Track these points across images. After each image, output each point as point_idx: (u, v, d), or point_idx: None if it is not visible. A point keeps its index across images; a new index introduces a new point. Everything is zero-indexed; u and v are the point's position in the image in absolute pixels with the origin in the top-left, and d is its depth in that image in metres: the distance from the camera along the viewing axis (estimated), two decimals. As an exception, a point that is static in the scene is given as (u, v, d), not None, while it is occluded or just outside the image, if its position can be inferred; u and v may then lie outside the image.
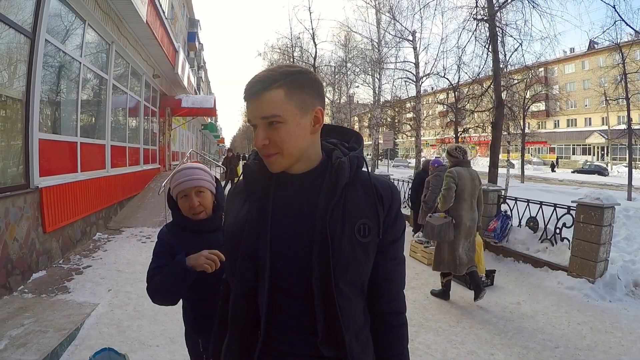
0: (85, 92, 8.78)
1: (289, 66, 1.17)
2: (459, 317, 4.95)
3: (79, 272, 6.09)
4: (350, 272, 1.18)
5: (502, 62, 12.12)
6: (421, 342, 4.29)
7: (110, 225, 9.30)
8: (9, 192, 5.31)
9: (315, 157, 1.24)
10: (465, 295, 5.63)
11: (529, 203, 7.54)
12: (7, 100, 5.72)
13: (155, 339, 4.08)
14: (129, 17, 9.65)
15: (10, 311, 4.41)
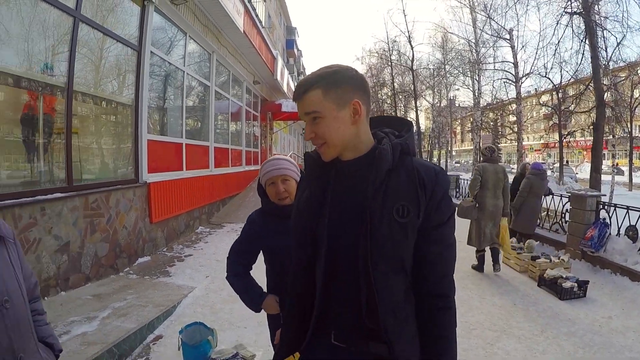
0: (190, 98, 9.60)
1: (327, 67, 1.30)
2: (544, 326, 4.57)
3: (180, 260, 6.63)
4: (387, 249, 1.25)
5: (602, 59, 10.95)
6: (501, 347, 4.08)
7: (212, 221, 10.01)
8: (120, 185, 6.00)
9: (364, 146, 1.33)
10: (555, 305, 5.20)
11: (629, 210, 6.64)
12: (119, 106, 6.50)
13: (244, 322, 4.31)
14: (226, 28, 10.31)
15: (115, 288, 4.97)
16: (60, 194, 4.62)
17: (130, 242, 6.14)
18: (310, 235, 1.35)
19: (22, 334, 1.45)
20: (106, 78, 6.12)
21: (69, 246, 4.69)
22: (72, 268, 4.77)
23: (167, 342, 3.89)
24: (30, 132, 4.49)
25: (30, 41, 4.35)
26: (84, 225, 5.01)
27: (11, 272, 1.46)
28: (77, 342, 3.39)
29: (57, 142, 4.84)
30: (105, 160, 6.16)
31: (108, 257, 5.51)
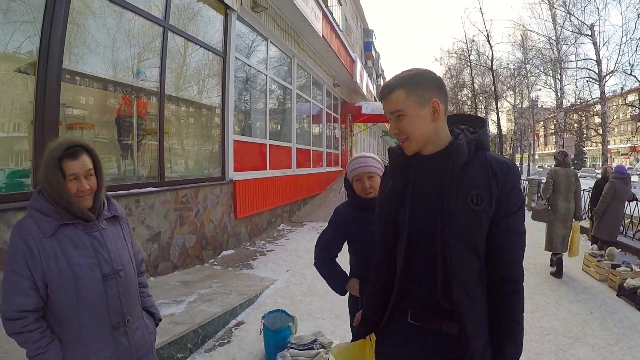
0: (272, 101, 9.95)
1: (408, 71, 1.45)
2: (620, 336, 4.19)
3: (262, 254, 6.87)
4: (462, 233, 1.36)
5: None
6: (573, 354, 3.86)
7: (293, 219, 10.26)
8: (208, 182, 6.36)
9: (442, 141, 1.45)
10: (633, 316, 4.75)
11: None
12: (206, 109, 6.93)
13: (322, 313, 4.43)
14: (306, 33, 10.53)
15: (201, 276, 5.27)
16: (153, 188, 5.01)
17: (216, 235, 6.48)
18: (392, 221, 1.50)
19: (130, 300, 1.69)
20: (194, 82, 6.56)
21: (159, 236, 5.07)
22: (162, 256, 5.14)
23: (248, 327, 4.06)
24: (124, 133, 4.93)
25: (124, 49, 4.79)
26: (174, 217, 5.38)
27: (125, 247, 1.73)
28: (165, 321, 3.61)
29: (150, 142, 5.27)
30: (194, 159, 6.59)
31: (195, 248, 5.87)
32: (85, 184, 1.56)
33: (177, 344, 3.36)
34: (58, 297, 1.52)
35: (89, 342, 1.56)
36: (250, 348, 3.66)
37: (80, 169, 1.55)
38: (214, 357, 3.53)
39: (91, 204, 1.62)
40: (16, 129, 3.79)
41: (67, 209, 1.54)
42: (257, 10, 7.80)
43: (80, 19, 4.16)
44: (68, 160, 1.53)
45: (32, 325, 1.50)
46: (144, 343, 1.75)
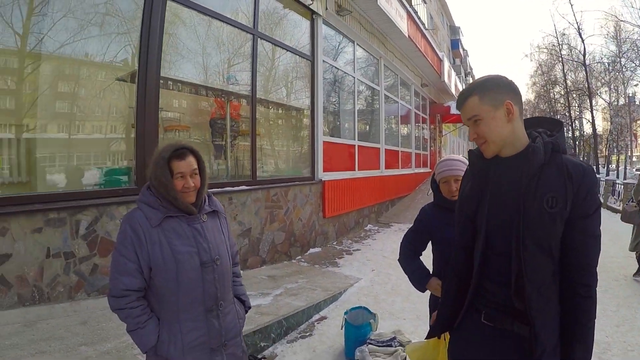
0: (360, 102, 9.95)
1: (480, 78, 1.52)
2: None
3: (348, 253, 6.88)
4: (536, 233, 1.38)
5: None
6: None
7: (381, 220, 10.15)
8: (298, 182, 6.54)
9: (520, 143, 1.46)
10: None
11: None
12: (296, 111, 7.14)
13: (404, 314, 4.37)
14: (391, 34, 10.42)
15: (288, 272, 5.41)
16: (246, 187, 5.25)
17: (304, 233, 6.62)
18: (471, 221, 1.55)
19: (224, 287, 1.84)
20: (283, 85, 6.79)
21: (250, 232, 5.29)
22: (251, 251, 5.36)
23: (330, 322, 4.10)
24: (218, 134, 5.24)
25: (214, 55, 5.11)
26: (265, 214, 5.59)
27: (222, 239, 1.89)
28: (252, 311, 3.72)
29: (242, 143, 5.54)
30: (284, 159, 6.81)
31: (283, 244, 6.04)
32: (190, 181, 1.72)
33: (261, 332, 3.50)
34: (160, 280, 1.69)
35: (184, 322, 1.71)
36: (331, 342, 3.70)
37: (187, 169, 1.72)
38: (295, 348, 3.61)
39: (194, 200, 1.78)
40: (114, 131, 4.20)
41: (173, 203, 1.71)
42: (342, 13, 7.86)
43: (172, 29, 4.50)
44: (176, 161, 1.71)
45: (135, 302, 1.67)
46: (233, 327, 1.88)
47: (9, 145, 3.48)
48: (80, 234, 3.56)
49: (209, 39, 5.03)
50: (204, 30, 4.95)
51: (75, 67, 3.90)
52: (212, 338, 1.77)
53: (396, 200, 11.61)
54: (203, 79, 5.02)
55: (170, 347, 1.70)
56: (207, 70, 5.02)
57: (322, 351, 3.55)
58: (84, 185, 3.88)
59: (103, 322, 3.21)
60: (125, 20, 4.05)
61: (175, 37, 4.58)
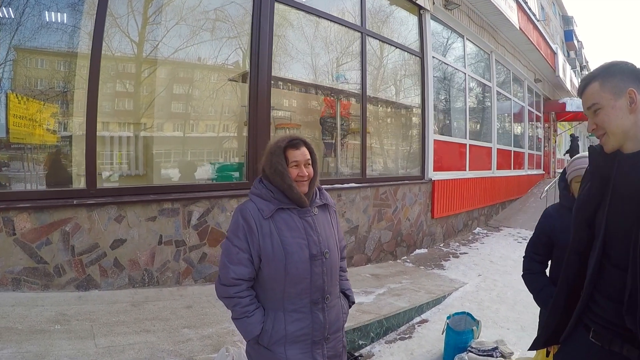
0: (471, 99, 9.34)
1: (605, 63, 1.35)
2: None
3: (455, 256, 6.48)
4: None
5: None
6: None
7: (490, 223, 9.42)
8: (407, 180, 6.28)
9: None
10: None
11: None
12: (406, 109, 6.88)
13: (508, 323, 4.11)
14: (502, 27, 9.64)
15: (392, 272, 5.19)
16: (355, 184, 5.12)
17: (411, 233, 6.32)
18: (589, 224, 1.38)
19: (332, 280, 1.80)
20: (392, 83, 6.55)
21: (357, 229, 5.15)
22: (357, 248, 5.22)
23: (431, 326, 3.93)
24: (328, 132, 5.18)
25: (323, 55, 5.06)
26: (373, 213, 5.41)
27: (333, 232, 1.86)
28: (353, 308, 3.66)
29: (351, 141, 5.44)
30: (394, 157, 6.57)
31: (389, 244, 5.81)
32: (304, 170, 1.73)
33: (360, 331, 3.42)
34: (269, 270, 1.68)
35: (289, 312, 1.70)
36: (430, 346, 3.54)
37: (301, 157, 1.74)
38: (393, 349, 3.48)
39: (307, 190, 1.76)
40: (226, 129, 4.36)
41: (286, 193, 1.70)
42: (449, 7, 7.42)
43: (281, 31, 4.54)
44: (291, 150, 1.74)
45: (244, 292, 1.68)
46: (337, 321, 1.83)
47: (128, 142, 3.74)
48: (192, 224, 3.72)
49: (317, 40, 4.99)
50: (311, 31, 4.93)
51: (189, 70, 4.12)
52: (315, 331, 1.73)
53: (507, 203, 10.72)
54: (312, 79, 4.99)
55: (273, 337, 1.68)
56: (316, 70, 5.00)
57: (420, 355, 3.41)
58: (197, 180, 4.05)
59: (207, 307, 3.30)
60: (235, 24, 4.17)
61: (284, 38, 4.63)
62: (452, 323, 3.39)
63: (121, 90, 3.84)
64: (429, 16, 6.94)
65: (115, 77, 3.73)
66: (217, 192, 3.91)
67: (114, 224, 3.36)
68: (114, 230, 3.37)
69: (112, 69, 3.68)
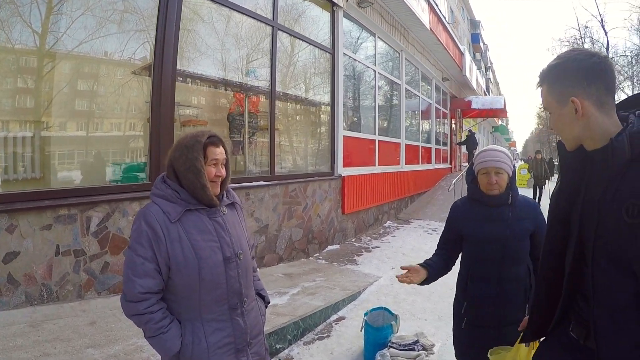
0: (381, 96, 9.69)
1: (555, 58, 1.28)
2: None
3: (367, 250, 6.68)
4: (610, 247, 1.16)
5: None
6: None
7: (400, 216, 9.89)
8: (317, 177, 6.35)
9: (600, 137, 1.20)
10: None
11: None
12: (315, 105, 6.92)
13: (425, 314, 4.22)
14: (413, 26, 10.12)
15: (306, 270, 5.23)
16: (264, 182, 5.08)
17: (322, 230, 6.43)
18: (561, 222, 1.35)
19: (247, 282, 1.73)
20: (302, 80, 6.58)
21: (267, 228, 5.13)
22: (268, 248, 5.20)
23: (349, 323, 3.94)
24: (236, 129, 5.08)
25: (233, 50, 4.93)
26: (283, 211, 5.42)
27: (243, 232, 1.78)
28: (267, 311, 3.58)
29: (260, 138, 5.38)
30: (303, 154, 6.61)
31: (301, 241, 5.87)
32: (222, 170, 1.65)
33: (277, 334, 3.34)
34: (181, 278, 1.55)
35: (208, 322, 1.59)
36: (349, 344, 3.55)
37: (221, 156, 1.65)
38: (312, 350, 3.45)
39: (219, 192, 1.68)
40: (132, 128, 4.09)
41: (196, 193, 1.59)
42: (363, 5, 7.62)
43: (191, 25, 4.37)
44: (212, 147, 1.63)
45: (155, 306, 1.53)
46: (257, 324, 1.78)
47: (24, 143, 3.37)
48: (91, 231, 3.44)
49: (228, 35, 4.86)
50: (222, 26, 4.79)
51: (94, 64, 3.82)
52: (237, 338, 1.65)
53: (416, 196, 11.33)
54: (222, 75, 4.85)
55: (195, 351, 1.56)
56: (226, 66, 4.87)
57: (340, 354, 3.40)
58: (98, 182, 3.77)
59: (112, 322, 3.09)
60: (143, 17, 3.93)
61: (195, 33, 4.45)
62: (370, 319, 3.40)
63: (22, 87, 3.46)
64: (341, 13, 7.06)
65: (16, 72, 3.35)
66: (118, 194, 3.65)
67: (6, 235, 3.00)
68: (6, 241, 3.01)
69: (12, 63, 3.31)
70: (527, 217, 2.11)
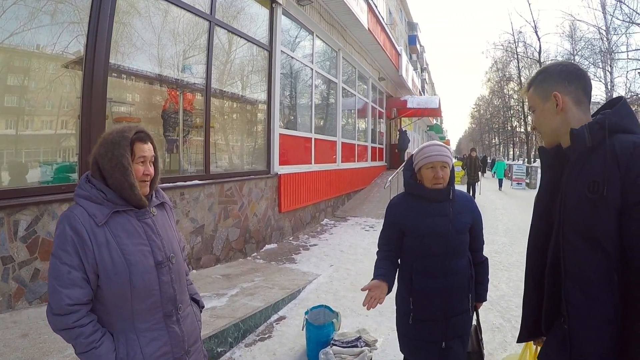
0: (318, 95, 9.81)
1: (542, 67, 1.50)
2: None
3: (305, 249, 6.76)
4: (578, 224, 1.28)
5: None
6: None
7: (337, 214, 10.10)
8: (253, 175, 6.32)
9: None
10: None
11: None
12: (252, 103, 6.86)
13: (366, 310, 4.27)
14: (351, 26, 10.35)
15: (243, 270, 5.21)
16: (199, 181, 4.99)
17: (260, 229, 6.43)
18: (544, 218, 1.49)
19: (181, 287, 1.66)
20: (240, 77, 6.50)
21: (203, 229, 5.05)
22: (205, 249, 5.13)
23: (290, 322, 3.98)
24: (170, 127, 4.93)
25: (170, 46, 4.79)
26: (219, 210, 5.35)
27: (174, 233, 1.70)
28: (207, 314, 3.57)
29: (195, 136, 5.26)
30: (239, 152, 6.55)
31: (238, 241, 5.83)
32: (150, 168, 1.55)
33: (217, 337, 3.30)
34: (111, 286, 1.45)
35: (142, 332, 1.50)
36: (291, 344, 3.56)
37: (149, 153, 1.55)
38: (254, 352, 3.44)
39: (147, 192, 1.59)
40: (64, 126, 3.86)
41: (124, 193, 1.48)
42: (302, 3, 7.68)
43: (127, 19, 4.19)
44: (140, 143, 1.53)
45: (85, 319, 1.42)
46: (194, 330, 1.71)
47: None
48: (19, 236, 3.22)
49: (164, 31, 4.70)
50: (159, 21, 4.62)
51: (25, 58, 3.56)
52: (175, 347, 1.57)
53: (352, 194, 11.61)
54: (157, 71, 4.68)
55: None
56: (162, 62, 4.71)
57: (283, 354, 3.41)
58: (27, 184, 3.53)
59: (45, 334, 2.91)
60: (78, 9, 3.71)
61: (130, 27, 4.26)
62: (311, 318, 3.41)
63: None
64: (280, 10, 7.07)
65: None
66: (47, 196, 3.41)
67: None
68: None
69: None
70: (465, 211, 2.18)
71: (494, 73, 37.34)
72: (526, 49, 26.98)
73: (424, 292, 2.12)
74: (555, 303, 1.43)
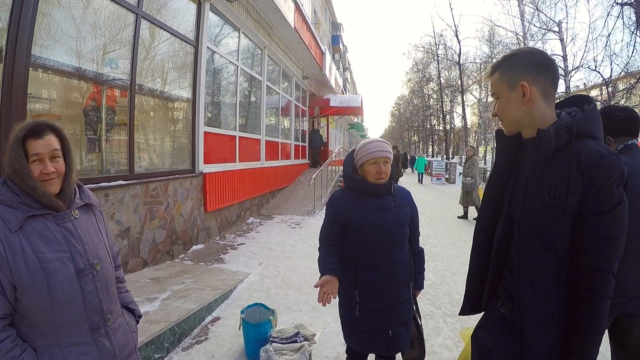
0: (243, 92, 9.76)
1: (509, 52, 1.45)
2: None
3: (233, 248, 6.76)
4: (534, 225, 1.33)
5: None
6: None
7: (262, 212, 10.14)
8: (178, 175, 6.18)
9: (539, 125, 1.35)
10: None
11: None
12: (177, 100, 6.68)
13: (299, 306, 4.40)
14: (278, 24, 10.42)
15: (172, 272, 5.13)
16: (123, 181, 4.80)
17: (186, 229, 6.33)
18: (494, 203, 1.53)
19: (110, 297, 1.55)
20: (165, 73, 6.30)
21: (129, 231, 4.89)
22: (132, 252, 4.97)
23: (225, 323, 3.99)
24: (92, 124, 4.68)
25: (92, 38, 4.53)
26: (144, 211, 5.20)
27: (100, 238, 1.58)
28: (140, 320, 3.49)
29: (119, 134, 5.04)
30: (164, 151, 6.36)
31: (165, 243, 5.70)
32: (49, 166, 1.41)
33: (153, 343, 3.25)
34: (29, 299, 1.35)
35: (67, 347, 1.41)
36: (229, 344, 3.60)
37: (45, 149, 1.41)
38: (192, 355, 3.44)
39: (58, 190, 1.47)
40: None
41: (33, 196, 1.39)
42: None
43: (47, 8, 3.90)
44: (32, 140, 1.40)
45: (2, 334, 1.32)
46: (127, 343, 1.62)
47: None
48: None
49: (85, 22, 4.41)
50: (80, 11, 4.34)
51: None
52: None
53: (276, 191, 11.70)
54: (78, 65, 4.39)
55: None
56: (82, 56, 4.42)
57: (222, 355, 3.43)
58: None
59: None
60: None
61: (50, 17, 3.96)
62: (247, 316, 3.44)
63: None
64: (208, 6, 6.96)
65: None
66: None
67: None
68: None
69: None
70: (406, 205, 2.31)
71: (414, 74, 39.10)
72: (446, 52, 28.60)
73: (370, 284, 2.20)
74: (497, 285, 1.53)
